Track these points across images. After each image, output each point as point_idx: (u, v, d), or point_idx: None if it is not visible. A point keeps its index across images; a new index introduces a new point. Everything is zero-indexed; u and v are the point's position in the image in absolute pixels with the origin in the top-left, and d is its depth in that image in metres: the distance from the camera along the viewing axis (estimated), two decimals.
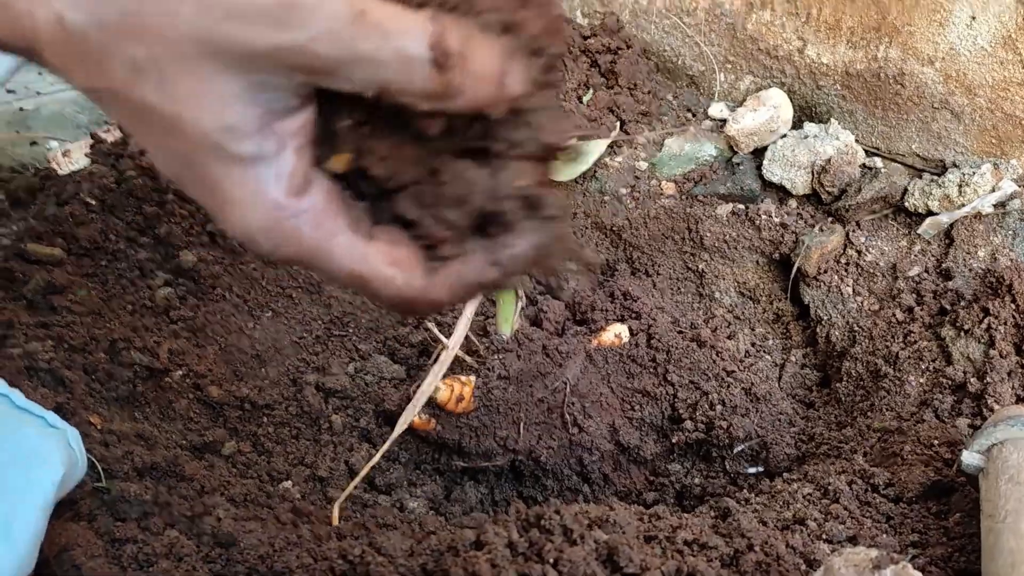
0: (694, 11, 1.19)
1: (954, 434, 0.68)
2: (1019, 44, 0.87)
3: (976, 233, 0.86)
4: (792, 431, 0.87)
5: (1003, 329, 0.74)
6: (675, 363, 0.94)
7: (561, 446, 0.90)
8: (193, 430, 0.83)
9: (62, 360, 0.76)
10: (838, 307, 0.93)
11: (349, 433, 0.92)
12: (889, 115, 1.00)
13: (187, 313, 0.94)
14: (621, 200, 1.11)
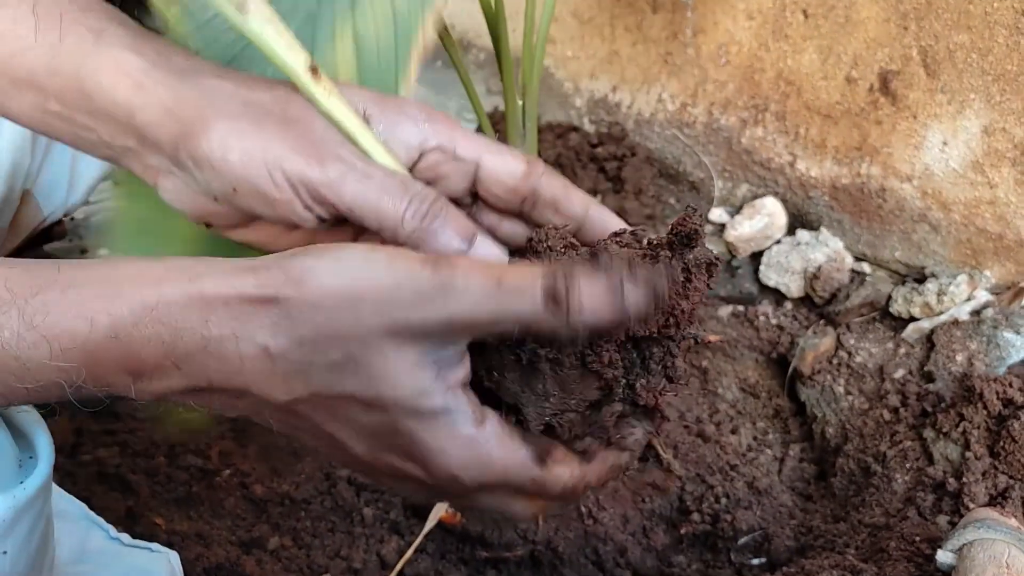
0: (693, 124, 1.30)
1: (934, 531, 0.75)
2: (986, 168, 0.96)
3: (954, 339, 0.94)
4: (792, 523, 0.94)
5: (976, 433, 0.82)
6: (682, 457, 1.02)
7: (577, 536, 0.97)
8: (241, 526, 0.90)
9: (128, 465, 0.84)
10: (831, 406, 1.01)
11: (380, 525, 0.99)
12: (873, 225, 1.09)
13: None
14: None
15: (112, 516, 0.82)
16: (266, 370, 0.38)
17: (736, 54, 1.20)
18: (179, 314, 0.37)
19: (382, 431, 0.40)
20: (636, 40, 1.34)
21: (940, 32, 0.96)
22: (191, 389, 0.39)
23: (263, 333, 0.37)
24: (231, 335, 0.37)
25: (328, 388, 0.38)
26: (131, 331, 0.37)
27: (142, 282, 0.38)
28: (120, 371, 0.38)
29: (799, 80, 1.13)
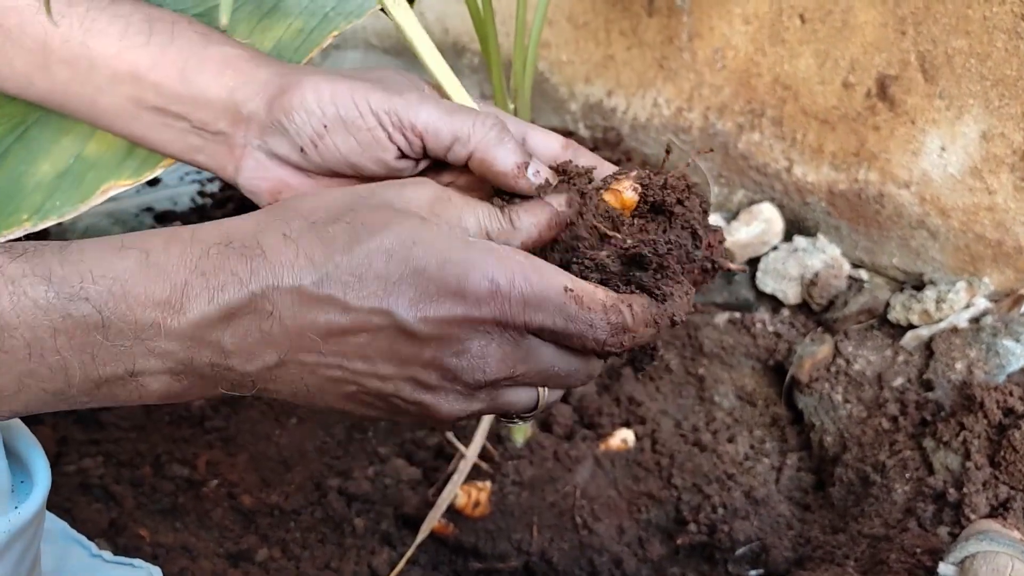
0: (688, 129, 1.29)
1: (935, 542, 0.74)
2: (984, 174, 0.95)
3: (953, 346, 0.93)
4: (790, 534, 0.92)
5: (977, 442, 0.80)
6: (678, 467, 1.01)
7: (572, 548, 0.96)
8: (229, 538, 0.89)
9: (112, 475, 0.82)
10: (830, 414, 0.99)
11: (371, 536, 0.98)
12: (871, 231, 1.08)
13: (220, 423, 1.00)
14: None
15: (96, 528, 0.80)
16: (288, 252, 0.39)
17: (732, 59, 1.18)
18: (204, 232, 0.40)
19: (411, 271, 0.39)
20: (631, 44, 1.33)
21: (938, 37, 0.95)
22: (223, 311, 0.39)
23: (278, 225, 0.40)
24: (251, 234, 0.40)
25: (349, 250, 0.39)
26: (160, 251, 0.39)
27: (173, 228, 0.41)
28: (149, 301, 0.38)
29: (796, 85, 1.12)
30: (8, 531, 0.39)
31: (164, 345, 0.39)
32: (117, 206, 1.50)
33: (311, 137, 0.48)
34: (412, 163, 0.50)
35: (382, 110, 0.48)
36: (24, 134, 0.58)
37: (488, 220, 0.44)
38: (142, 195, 1.54)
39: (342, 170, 0.50)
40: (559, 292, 0.41)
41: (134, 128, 0.51)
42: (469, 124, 0.47)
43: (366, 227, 0.40)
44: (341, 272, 0.39)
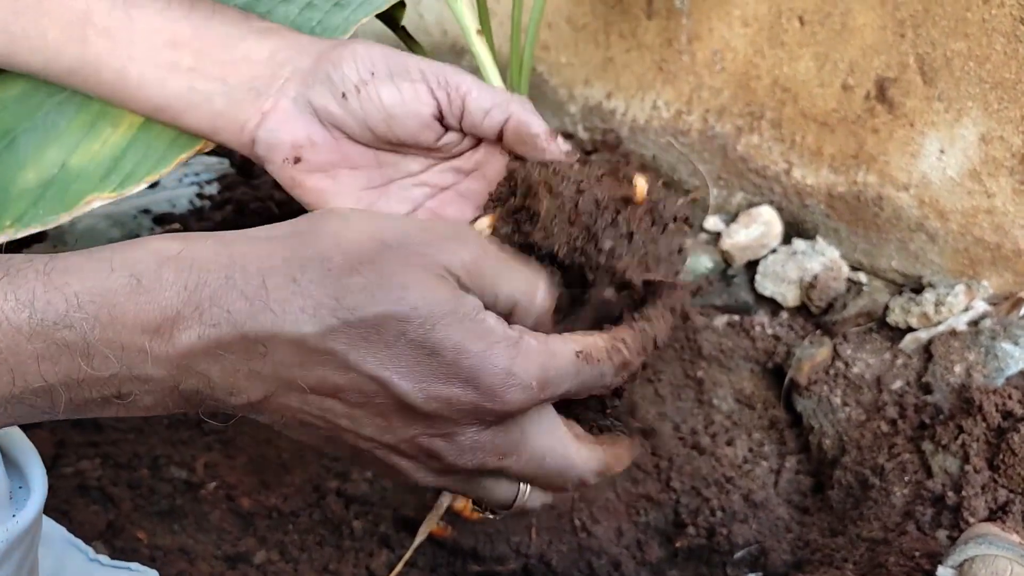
0: (688, 131, 1.29)
1: (934, 546, 0.74)
2: (983, 177, 0.95)
3: (952, 350, 0.93)
4: (789, 537, 0.92)
5: (976, 446, 0.80)
6: (677, 470, 1.01)
7: (571, 550, 0.96)
8: (227, 540, 0.88)
9: (110, 478, 0.82)
10: (828, 417, 0.99)
11: (369, 539, 0.98)
12: (870, 234, 1.08)
13: (219, 425, 1.00)
14: None
15: (93, 530, 0.80)
16: (295, 301, 0.37)
17: (731, 61, 1.18)
18: (203, 257, 0.38)
19: (425, 350, 0.38)
20: (630, 47, 1.33)
21: (937, 39, 0.95)
22: (213, 345, 0.37)
23: (289, 266, 0.38)
24: (256, 272, 0.37)
25: (360, 310, 0.37)
26: (152, 276, 0.37)
27: (167, 239, 0.39)
28: (137, 326, 0.37)
29: (795, 87, 1.12)
30: (7, 540, 0.39)
31: (150, 371, 0.38)
32: (115, 208, 1.49)
33: (356, 84, 0.50)
34: (439, 132, 0.52)
35: (428, 69, 0.50)
36: (12, 143, 0.58)
37: (522, 295, 0.43)
38: (140, 197, 1.54)
39: (375, 124, 0.51)
40: (572, 361, 0.41)
41: (158, 95, 0.53)
42: (507, 95, 0.51)
43: (385, 289, 0.38)
44: (348, 329, 0.37)
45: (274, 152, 0.53)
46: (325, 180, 0.53)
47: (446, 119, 0.52)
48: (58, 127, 0.59)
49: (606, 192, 0.47)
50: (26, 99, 0.60)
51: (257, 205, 1.33)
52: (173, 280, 0.37)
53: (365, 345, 0.37)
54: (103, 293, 0.37)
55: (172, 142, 0.58)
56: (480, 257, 0.41)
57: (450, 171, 0.55)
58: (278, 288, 0.37)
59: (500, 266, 0.42)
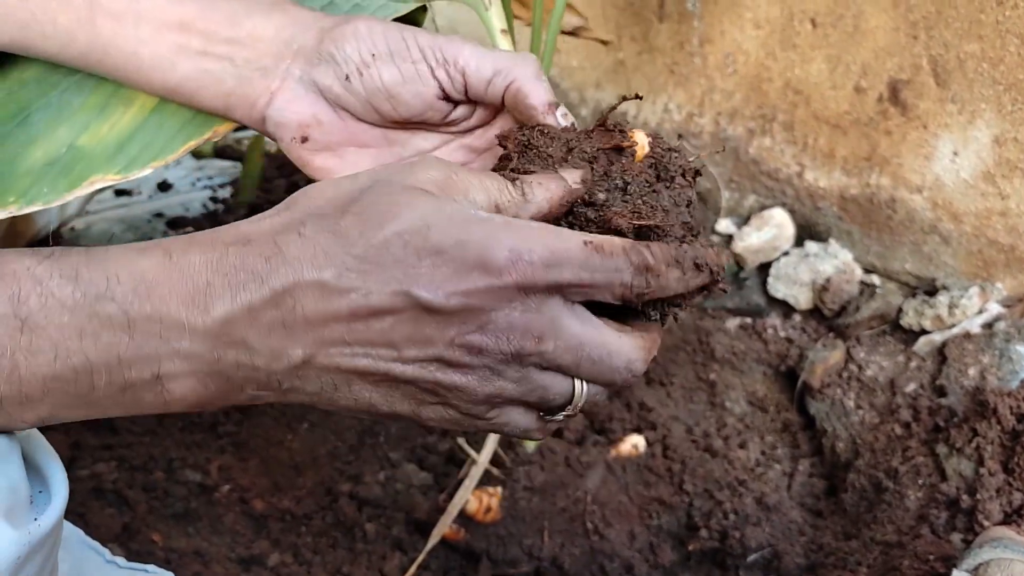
0: (699, 134, 1.28)
1: (948, 549, 0.74)
2: (997, 179, 0.95)
3: (966, 352, 0.92)
4: (802, 540, 0.92)
5: (990, 448, 0.80)
6: (690, 473, 1.01)
7: (583, 553, 0.96)
8: (240, 543, 0.89)
9: (125, 480, 0.82)
10: (842, 420, 0.99)
11: (382, 541, 0.98)
12: (883, 236, 1.08)
13: (232, 428, 1.01)
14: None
15: (109, 532, 0.80)
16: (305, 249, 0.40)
17: (743, 64, 1.18)
18: (223, 233, 0.41)
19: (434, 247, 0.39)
20: (642, 50, 1.33)
21: (950, 41, 0.95)
22: (246, 310, 0.39)
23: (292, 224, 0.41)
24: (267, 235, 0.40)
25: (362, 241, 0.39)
26: (181, 252, 0.40)
27: (194, 233, 0.41)
28: (173, 298, 0.39)
29: (807, 90, 1.12)
30: (28, 543, 0.39)
31: (189, 345, 0.39)
32: (129, 212, 1.51)
33: (358, 65, 0.50)
34: (447, 108, 0.52)
35: (427, 46, 0.50)
36: (26, 120, 0.59)
37: (499, 193, 0.43)
38: (154, 200, 1.55)
39: (380, 104, 0.51)
40: (580, 247, 0.41)
41: (170, 77, 0.53)
42: (510, 60, 0.50)
43: (377, 215, 0.40)
44: (359, 263, 0.39)
45: (282, 131, 0.53)
46: (332, 159, 0.54)
47: (450, 95, 0.52)
48: (71, 106, 0.59)
49: (596, 146, 0.47)
50: (46, 77, 0.60)
51: (270, 208, 1.34)
52: (200, 254, 0.40)
53: (378, 270, 0.39)
54: (140, 269, 0.39)
55: (179, 129, 0.59)
56: (449, 172, 0.43)
57: (462, 149, 0.56)
58: (288, 244, 0.40)
59: (471, 177, 0.43)
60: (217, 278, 0.39)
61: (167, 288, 0.39)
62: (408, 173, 0.42)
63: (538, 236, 0.40)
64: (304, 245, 0.40)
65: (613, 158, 0.47)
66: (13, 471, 0.40)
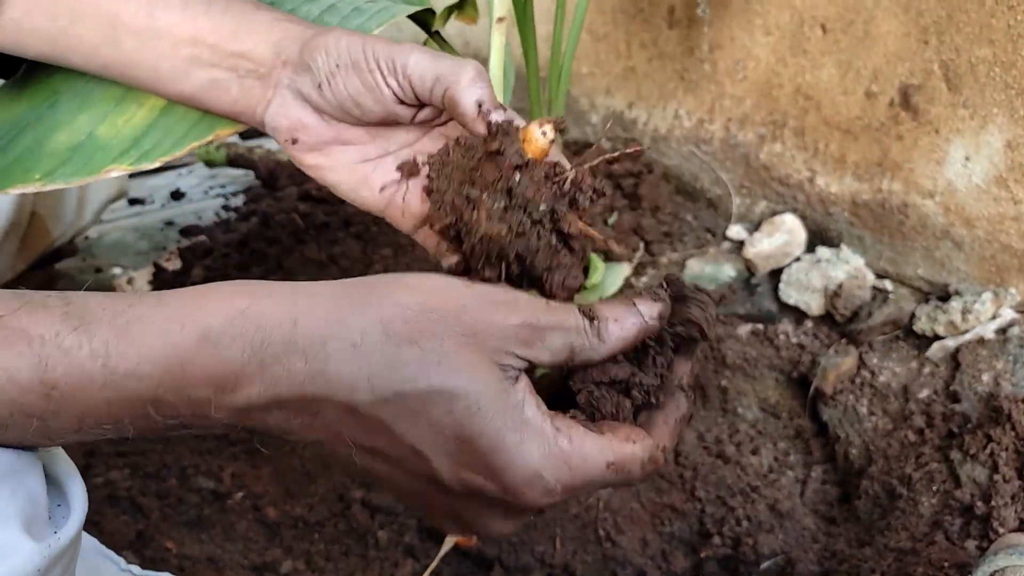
0: (710, 140, 1.28)
1: (963, 556, 0.73)
2: (1010, 183, 0.94)
3: (980, 358, 0.92)
4: (815, 547, 0.92)
5: (1005, 455, 0.79)
6: (702, 479, 1.00)
7: (595, 560, 0.96)
8: (253, 550, 0.89)
9: (139, 488, 0.83)
10: (855, 426, 0.98)
11: (394, 548, 0.98)
12: (895, 242, 1.08)
13: (245, 435, 1.01)
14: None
15: (123, 539, 0.81)
16: (352, 367, 0.39)
17: (753, 69, 1.18)
18: (270, 314, 0.40)
19: (464, 435, 0.40)
20: (652, 56, 1.33)
21: (961, 46, 0.95)
22: (272, 401, 0.39)
23: (350, 331, 0.40)
24: (318, 335, 0.40)
25: (412, 383, 0.39)
26: (220, 333, 0.39)
27: (234, 292, 0.41)
28: (204, 380, 0.39)
29: (818, 95, 1.12)
30: (49, 556, 0.39)
31: (213, 417, 0.40)
32: (142, 220, 1.51)
33: (327, 75, 0.54)
34: (411, 110, 0.55)
35: (381, 57, 0.52)
36: (55, 103, 0.64)
37: (576, 336, 0.43)
38: (167, 209, 1.56)
39: (350, 109, 0.54)
40: (602, 471, 0.42)
41: (185, 87, 0.58)
42: (450, 66, 0.51)
43: (441, 367, 0.40)
44: (399, 401, 0.40)
45: (277, 134, 0.57)
46: (319, 157, 0.57)
47: (405, 101, 0.54)
48: (92, 95, 0.64)
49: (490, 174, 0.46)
50: None
51: (282, 217, 1.34)
52: (239, 337, 0.39)
53: (411, 418, 0.40)
54: (174, 348, 0.39)
55: (189, 130, 0.64)
56: (531, 318, 0.42)
57: (442, 137, 0.58)
58: (337, 352, 0.39)
59: (555, 320, 0.43)
60: (251, 367, 0.39)
61: (200, 371, 0.39)
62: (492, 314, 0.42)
63: (567, 464, 0.41)
64: (352, 361, 0.40)
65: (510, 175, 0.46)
66: (34, 484, 0.40)
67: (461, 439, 0.40)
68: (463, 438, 0.40)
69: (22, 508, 0.39)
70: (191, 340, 0.39)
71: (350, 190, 0.57)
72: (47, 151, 0.63)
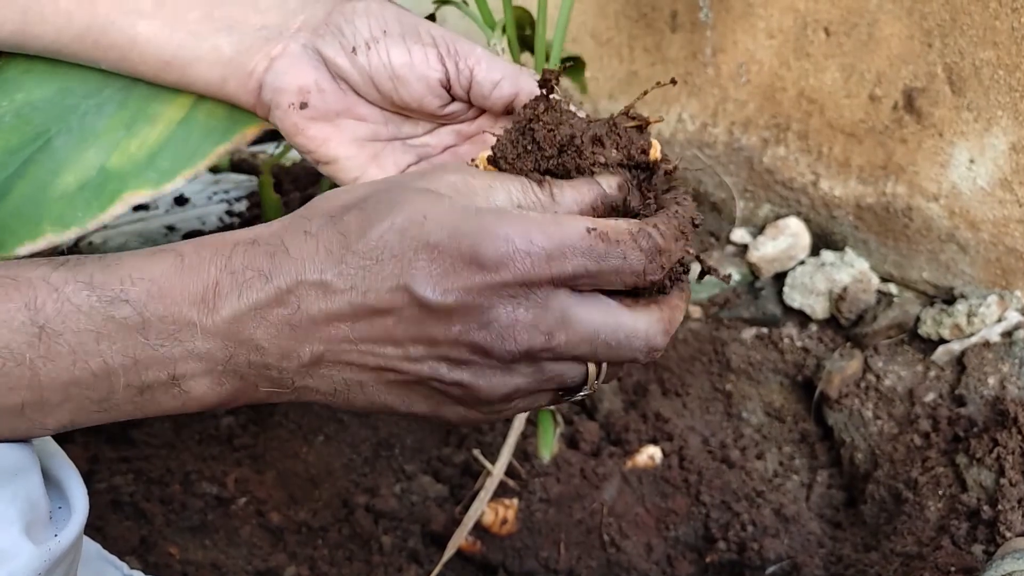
0: (713, 144, 1.28)
1: (970, 561, 0.73)
2: (1015, 186, 0.94)
3: (985, 361, 0.91)
4: (821, 552, 0.91)
5: (1011, 459, 0.79)
6: (707, 484, 1.00)
7: (600, 565, 0.95)
8: (257, 555, 0.89)
9: (142, 493, 0.83)
10: (860, 430, 0.98)
11: (398, 554, 0.98)
12: (900, 245, 1.07)
13: (248, 441, 1.01)
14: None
15: (126, 545, 0.81)
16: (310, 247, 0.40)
17: (756, 73, 1.18)
18: (233, 236, 0.41)
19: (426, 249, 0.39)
20: (655, 60, 1.33)
21: (965, 49, 0.95)
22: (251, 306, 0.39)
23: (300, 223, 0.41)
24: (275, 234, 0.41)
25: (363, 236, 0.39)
26: (192, 253, 0.40)
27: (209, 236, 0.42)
28: (184, 298, 0.39)
29: (821, 98, 1.11)
30: (49, 559, 0.39)
31: (202, 345, 0.39)
32: (146, 226, 1.52)
33: (367, 40, 0.50)
34: (446, 99, 0.52)
35: (439, 35, 0.50)
36: (47, 144, 0.59)
37: (522, 195, 0.42)
38: (171, 215, 1.56)
39: (382, 82, 0.51)
40: (582, 235, 0.39)
41: (165, 50, 0.53)
42: (517, 69, 0.50)
43: (377, 209, 0.40)
44: (359, 258, 0.39)
45: (280, 96, 0.52)
46: (328, 128, 0.53)
47: (453, 88, 0.52)
48: (95, 129, 0.59)
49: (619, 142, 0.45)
50: (59, 100, 0.60)
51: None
52: (210, 254, 0.40)
53: (376, 266, 0.39)
54: (152, 272, 0.39)
55: (205, 137, 0.59)
56: (467, 175, 0.42)
57: (452, 133, 0.55)
58: (293, 242, 0.40)
59: (492, 179, 0.43)
60: (224, 276, 0.40)
61: (179, 289, 0.39)
62: (423, 177, 0.42)
63: (537, 225, 0.39)
64: (308, 243, 0.40)
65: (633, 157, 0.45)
66: (33, 486, 0.40)
67: (427, 254, 0.39)
68: (427, 250, 0.39)
69: (23, 511, 0.39)
70: (167, 263, 0.40)
71: (356, 167, 0.53)
72: (54, 196, 0.57)
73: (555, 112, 0.45)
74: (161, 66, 0.54)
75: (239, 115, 0.59)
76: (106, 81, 0.60)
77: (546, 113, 0.45)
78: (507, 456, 0.92)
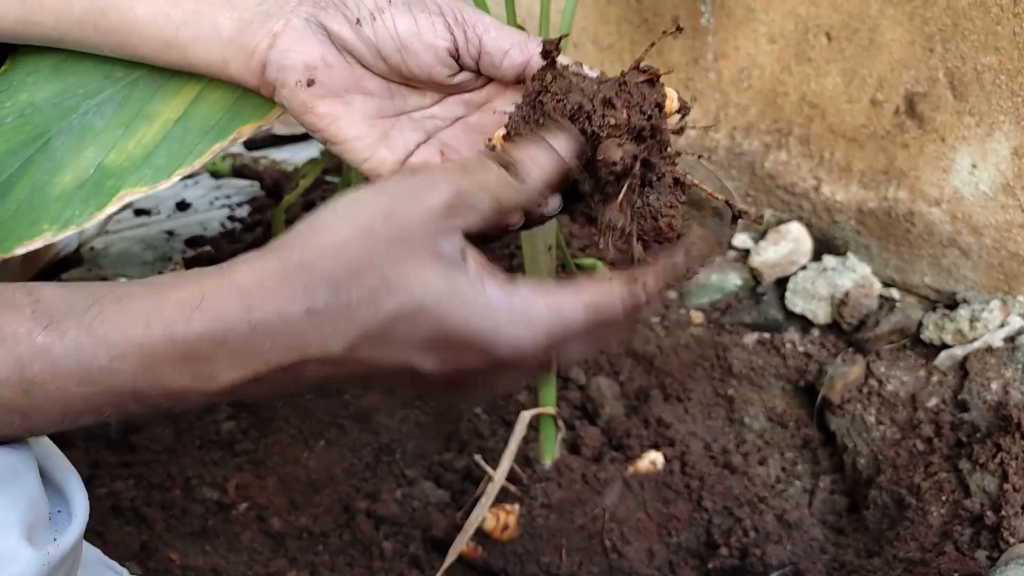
0: (715, 149, 1.28)
1: (973, 566, 0.72)
2: (1017, 191, 0.94)
3: (988, 366, 0.91)
4: (824, 558, 0.91)
5: (1015, 464, 0.79)
6: (709, 490, 1.00)
7: (602, 571, 0.95)
8: (258, 561, 0.89)
9: (143, 498, 0.83)
10: (863, 436, 0.98)
11: (400, 559, 0.98)
12: (902, 250, 1.07)
13: (249, 446, 1.01)
14: (652, 328, 1.18)
15: (127, 550, 0.80)
16: (315, 328, 0.40)
17: (758, 78, 1.18)
18: (224, 310, 0.40)
19: (439, 335, 0.41)
20: (656, 66, 1.33)
21: (967, 53, 0.95)
22: (252, 379, 0.40)
23: (299, 297, 0.40)
24: (273, 312, 0.40)
25: (374, 318, 0.40)
26: (184, 330, 0.40)
27: (182, 283, 0.41)
28: (179, 368, 0.40)
29: (823, 103, 1.11)
30: (48, 563, 0.39)
31: (195, 400, 0.41)
32: (148, 231, 1.52)
33: (372, 11, 0.49)
34: (455, 69, 0.51)
35: (446, 4, 0.50)
36: (46, 145, 0.59)
37: (500, 189, 0.44)
38: (172, 220, 1.56)
39: (389, 53, 0.50)
40: (581, 320, 0.42)
41: (166, 30, 0.52)
42: (525, 36, 0.50)
43: (389, 290, 0.40)
44: (368, 339, 0.41)
45: (287, 74, 0.51)
46: (338, 105, 0.52)
47: (462, 57, 0.51)
48: (95, 129, 0.60)
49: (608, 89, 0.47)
50: (61, 101, 0.60)
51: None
52: (202, 331, 0.40)
53: (386, 345, 0.41)
54: (142, 347, 0.39)
55: (201, 135, 0.59)
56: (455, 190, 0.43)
57: (460, 104, 0.55)
58: (297, 322, 0.40)
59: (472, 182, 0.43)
60: (222, 354, 0.40)
61: (172, 366, 0.40)
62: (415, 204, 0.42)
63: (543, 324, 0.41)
64: (313, 324, 0.40)
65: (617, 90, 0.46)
66: (32, 489, 0.40)
67: (436, 341, 0.41)
68: (437, 339, 0.41)
69: (23, 514, 0.38)
70: (157, 339, 0.39)
71: (366, 147, 0.52)
72: (53, 196, 0.58)
73: (563, 80, 0.46)
74: (162, 47, 0.53)
75: (235, 113, 0.59)
76: (108, 81, 0.60)
77: (554, 83, 0.46)
78: (508, 461, 0.92)
